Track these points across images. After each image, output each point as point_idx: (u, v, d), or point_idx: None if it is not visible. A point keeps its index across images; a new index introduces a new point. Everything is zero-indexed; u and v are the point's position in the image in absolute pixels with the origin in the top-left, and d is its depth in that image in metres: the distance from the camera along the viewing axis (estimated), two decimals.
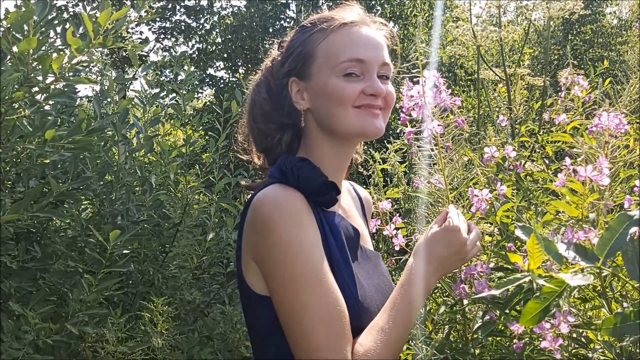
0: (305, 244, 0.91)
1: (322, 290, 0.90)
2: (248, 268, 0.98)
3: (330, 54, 1.02)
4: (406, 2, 6.42)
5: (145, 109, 2.62)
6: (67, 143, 1.94)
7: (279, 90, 1.09)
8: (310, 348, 0.89)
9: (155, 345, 2.07)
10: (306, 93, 1.05)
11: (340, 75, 1.01)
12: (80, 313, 2.01)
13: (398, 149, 2.02)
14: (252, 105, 1.13)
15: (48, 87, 2.00)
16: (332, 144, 1.06)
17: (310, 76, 1.04)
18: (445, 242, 0.98)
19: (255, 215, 0.94)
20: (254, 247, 0.95)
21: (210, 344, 2.42)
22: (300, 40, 1.07)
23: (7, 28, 1.92)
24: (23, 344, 1.89)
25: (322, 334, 0.89)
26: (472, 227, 1.02)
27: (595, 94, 1.47)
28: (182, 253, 2.54)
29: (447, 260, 0.98)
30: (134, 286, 2.50)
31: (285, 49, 1.10)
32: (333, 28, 1.04)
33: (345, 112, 1.01)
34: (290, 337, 0.92)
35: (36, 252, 2.09)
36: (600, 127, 1.04)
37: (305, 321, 0.90)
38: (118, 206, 2.32)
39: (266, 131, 1.09)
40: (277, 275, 0.91)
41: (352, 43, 1.03)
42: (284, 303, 0.92)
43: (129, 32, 7.03)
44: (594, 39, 5.45)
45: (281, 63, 1.09)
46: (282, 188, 0.95)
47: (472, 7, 2.13)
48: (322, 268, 0.92)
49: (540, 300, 0.81)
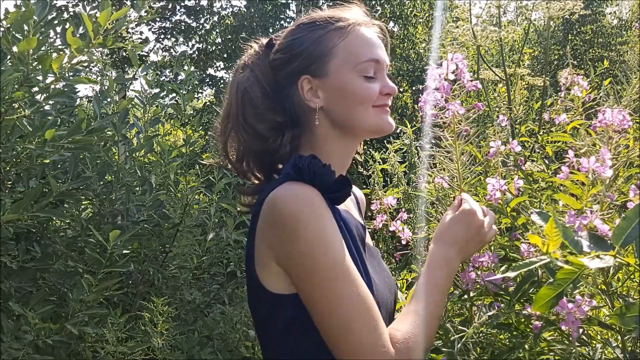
0: (331, 238, 0.92)
1: (354, 280, 0.91)
2: (265, 269, 0.96)
3: (350, 53, 1.03)
4: (406, 2, 6.41)
5: (145, 109, 2.62)
6: (67, 143, 1.94)
7: (278, 89, 1.07)
8: (352, 339, 0.89)
9: (155, 345, 2.07)
10: (321, 91, 1.04)
11: (361, 75, 1.03)
12: (80, 313, 2.01)
13: (398, 149, 2.02)
14: (242, 106, 1.08)
15: (48, 87, 2.00)
16: (342, 141, 1.07)
17: (327, 74, 1.03)
18: (465, 225, 1.00)
19: (277, 214, 0.92)
20: (276, 247, 0.93)
21: (210, 344, 2.42)
22: (312, 38, 1.05)
23: (7, 28, 1.92)
24: (23, 344, 1.88)
25: (361, 324, 0.90)
26: (487, 211, 1.04)
27: (596, 94, 1.47)
28: (182, 253, 2.53)
29: (468, 243, 1.00)
30: (134, 286, 2.50)
31: (287, 48, 1.07)
32: (351, 28, 1.04)
33: (367, 111, 1.03)
34: (329, 329, 0.91)
35: (36, 252, 2.09)
36: (604, 123, 1.04)
37: (343, 313, 0.90)
38: (118, 206, 2.32)
39: (263, 133, 1.06)
40: (308, 272, 0.91)
41: (370, 44, 1.05)
42: (318, 297, 0.91)
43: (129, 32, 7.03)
44: (594, 39, 5.46)
45: (285, 62, 1.06)
46: (299, 185, 0.94)
47: (472, 7, 2.13)
48: (349, 261, 0.93)
49: (554, 286, 0.82)
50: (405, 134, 2.24)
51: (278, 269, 0.95)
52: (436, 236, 1.02)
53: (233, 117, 1.09)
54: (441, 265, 0.98)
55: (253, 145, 1.08)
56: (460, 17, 2.21)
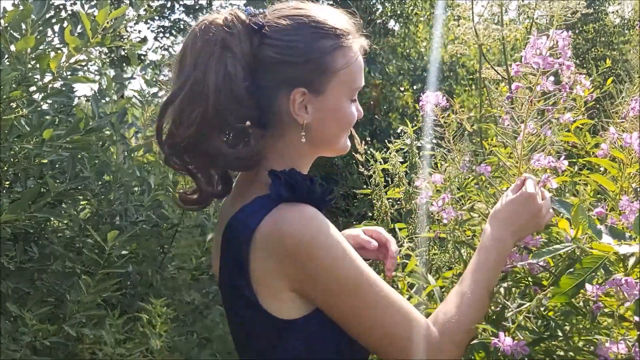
0: (346, 251, 0.92)
1: (377, 282, 0.92)
2: (277, 299, 0.92)
3: (350, 78, 1.00)
4: (407, 1, 6.39)
5: (144, 108, 2.60)
6: (65, 143, 1.93)
7: (256, 83, 0.96)
8: (397, 338, 0.91)
9: (154, 347, 2.06)
10: (311, 107, 0.98)
11: (349, 99, 1.01)
12: (78, 314, 2.00)
13: (399, 149, 2.00)
14: (219, 95, 0.92)
15: (46, 86, 1.99)
16: (310, 157, 1.06)
17: (324, 92, 0.98)
18: (524, 209, 0.99)
19: (290, 245, 0.89)
20: (292, 276, 0.91)
21: (209, 346, 2.41)
22: (315, 49, 0.96)
23: (5, 27, 1.90)
24: (20, 345, 1.88)
25: (400, 321, 0.91)
26: (545, 194, 1.03)
27: (598, 93, 1.46)
28: (181, 254, 2.52)
29: (524, 226, 1.00)
30: (132, 287, 2.49)
31: (284, 48, 0.96)
32: (355, 50, 1.00)
33: (344, 135, 1.04)
34: (372, 338, 0.92)
35: (34, 253, 2.09)
36: (638, 111, 1.03)
37: (380, 319, 0.91)
38: (116, 206, 2.30)
39: (236, 132, 0.98)
40: (336, 291, 0.91)
41: (362, 68, 1.03)
42: (353, 312, 0.91)
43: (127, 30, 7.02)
44: (597, 37, 5.44)
45: (279, 63, 0.97)
46: (298, 207, 0.91)
47: (473, 5, 2.11)
48: (364, 264, 0.93)
49: (574, 275, 0.81)
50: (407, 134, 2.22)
51: (291, 295, 0.92)
52: (493, 216, 1.01)
53: (205, 103, 0.93)
54: (494, 247, 0.98)
55: (214, 143, 0.94)
56: (461, 16, 2.19)
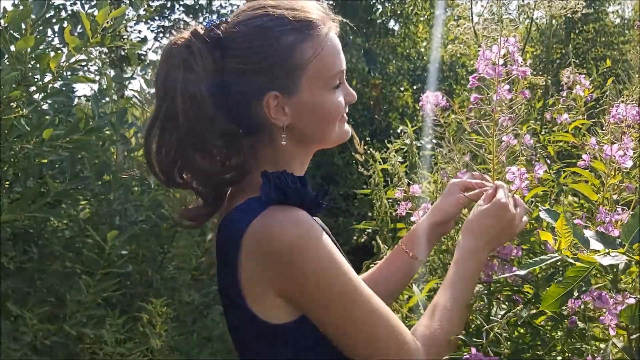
0: (335, 257, 0.90)
1: (364, 290, 0.91)
2: (264, 303, 0.91)
3: (323, 67, 0.94)
4: (407, 1, 6.39)
5: (144, 108, 2.60)
6: (65, 142, 1.93)
7: (229, 95, 0.94)
8: (379, 347, 0.90)
9: (154, 346, 2.06)
10: (288, 108, 0.94)
11: (330, 88, 0.96)
12: (78, 314, 2.01)
13: (399, 149, 2.00)
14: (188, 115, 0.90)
15: (46, 86, 2.00)
16: (304, 156, 1.02)
17: (297, 90, 0.93)
18: (496, 219, 0.99)
19: (277, 250, 0.87)
20: (280, 281, 0.89)
21: (210, 346, 2.41)
22: (279, 49, 0.92)
23: (5, 27, 1.90)
24: (21, 345, 1.88)
25: (384, 330, 0.90)
26: (519, 202, 1.02)
27: (598, 94, 1.46)
28: (180, 254, 2.52)
29: (497, 236, 0.99)
30: (132, 287, 2.49)
31: (247, 56, 0.92)
32: (324, 39, 0.94)
33: (335, 127, 0.98)
34: (355, 345, 0.90)
35: (33, 253, 2.09)
36: (618, 118, 1.03)
37: (366, 326, 0.90)
38: (116, 206, 2.30)
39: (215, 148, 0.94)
40: (323, 297, 0.89)
41: (337, 52, 0.97)
42: (337, 318, 0.90)
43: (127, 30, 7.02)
44: (597, 37, 5.43)
45: (245, 73, 0.92)
46: (287, 211, 0.90)
47: (473, 5, 2.11)
48: (352, 272, 0.92)
49: (563, 284, 0.81)
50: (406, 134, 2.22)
51: (278, 300, 0.91)
52: (466, 227, 1.01)
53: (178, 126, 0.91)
54: (469, 258, 0.98)
55: (199, 162, 0.93)
56: (461, 16, 2.19)
